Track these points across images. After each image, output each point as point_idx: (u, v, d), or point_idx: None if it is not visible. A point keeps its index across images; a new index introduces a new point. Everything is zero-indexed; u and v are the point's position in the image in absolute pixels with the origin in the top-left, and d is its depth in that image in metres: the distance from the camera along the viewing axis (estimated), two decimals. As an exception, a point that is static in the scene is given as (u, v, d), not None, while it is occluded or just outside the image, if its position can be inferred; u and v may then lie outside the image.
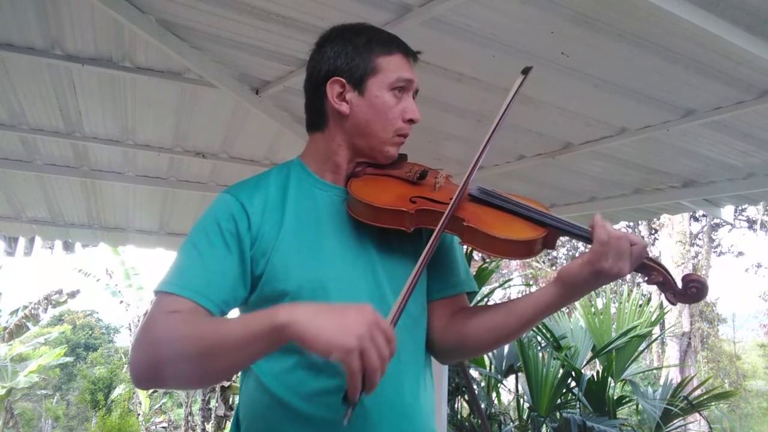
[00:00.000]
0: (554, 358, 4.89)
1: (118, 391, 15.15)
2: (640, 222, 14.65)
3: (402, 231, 1.18)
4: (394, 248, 1.22)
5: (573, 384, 5.03)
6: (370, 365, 0.90)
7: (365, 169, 1.26)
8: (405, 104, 1.22)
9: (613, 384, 5.03)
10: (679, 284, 1.12)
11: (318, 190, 1.24)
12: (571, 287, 1.12)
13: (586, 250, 1.12)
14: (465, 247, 1.23)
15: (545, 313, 1.17)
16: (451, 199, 1.16)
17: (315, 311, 0.94)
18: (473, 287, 1.34)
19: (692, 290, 1.11)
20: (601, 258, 1.07)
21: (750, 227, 16.45)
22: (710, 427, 7.84)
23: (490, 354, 5.19)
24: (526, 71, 1.25)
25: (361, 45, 1.21)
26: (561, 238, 1.20)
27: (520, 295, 1.21)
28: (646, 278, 1.12)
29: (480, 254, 4.64)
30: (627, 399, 5.29)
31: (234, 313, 1.18)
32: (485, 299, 5.21)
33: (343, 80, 1.20)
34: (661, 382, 6.42)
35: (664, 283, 1.12)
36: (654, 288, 1.20)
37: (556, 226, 1.14)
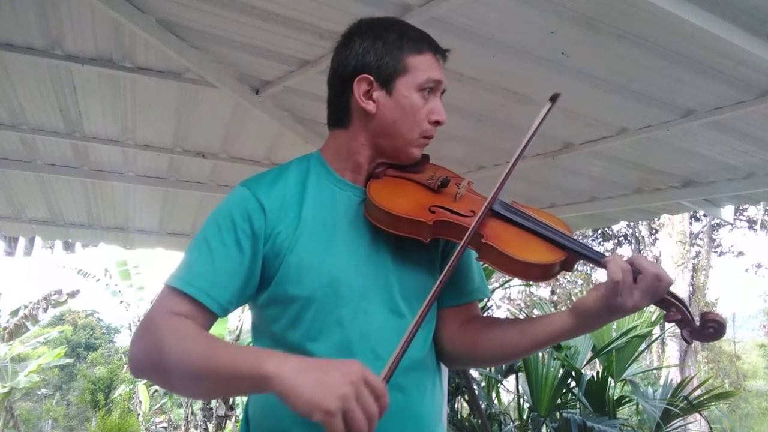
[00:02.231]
0: (554, 358, 4.89)
1: (118, 391, 15.13)
2: (640, 222, 14.64)
3: (418, 240, 1.15)
4: (409, 256, 1.19)
5: (573, 384, 5.03)
6: (356, 426, 0.86)
7: (386, 170, 1.23)
8: (432, 105, 1.19)
9: (613, 384, 5.03)
10: (697, 322, 1.09)
11: (337, 189, 1.21)
12: (586, 319, 1.09)
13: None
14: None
15: (558, 340, 1.15)
16: (471, 211, 1.13)
17: (301, 368, 0.91)
18: (486, 294, 1.32)
19: (709, 330, 1.08)
20: (615, 295, 1.03)
21: (750, 227, 16.43)
22: (710, 427, 7.83)
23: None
24: (554, 98, 1.20)
25: (392, 42, 1.16)
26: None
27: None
28: (665, 313, 1.09)
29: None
30: (627, 399, 5.28)
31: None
32: (486, 299, 5.21)
33: (371, 78, 1.16)
34: (661, 382, 6.42)
35: (683, 320, 1.08)
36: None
37: (575, 251, 1.10)
